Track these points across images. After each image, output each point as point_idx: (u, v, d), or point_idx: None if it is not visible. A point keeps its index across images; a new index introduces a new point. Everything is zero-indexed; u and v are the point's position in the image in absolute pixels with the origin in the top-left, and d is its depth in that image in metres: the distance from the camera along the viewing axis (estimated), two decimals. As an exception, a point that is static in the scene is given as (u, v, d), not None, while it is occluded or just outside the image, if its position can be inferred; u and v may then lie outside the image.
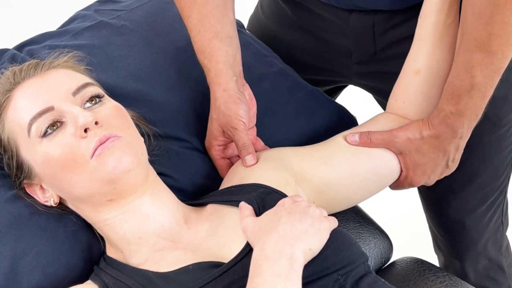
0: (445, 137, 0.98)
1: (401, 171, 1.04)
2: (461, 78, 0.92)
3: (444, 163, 1.02)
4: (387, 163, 1.02)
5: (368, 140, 1.01)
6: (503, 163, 1.20)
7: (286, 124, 1.15)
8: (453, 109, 0.95)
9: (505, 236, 1.38)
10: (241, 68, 1.06)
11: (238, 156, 1.02)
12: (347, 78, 1.25)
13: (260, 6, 1.34)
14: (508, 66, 0.95)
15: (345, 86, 1.42)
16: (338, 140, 1.04)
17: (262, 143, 1.08)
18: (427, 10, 0.99)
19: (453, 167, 1.05)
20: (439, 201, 1.27)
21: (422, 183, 1.05)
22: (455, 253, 1.35)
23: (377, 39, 1.12)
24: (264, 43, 1.31)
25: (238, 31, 1.17)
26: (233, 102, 1.01)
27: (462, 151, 1.02)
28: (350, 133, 1.03)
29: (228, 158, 1.07)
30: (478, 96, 0.93)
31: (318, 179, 0.99)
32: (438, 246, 1.40)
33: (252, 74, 1.14)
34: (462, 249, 1.32)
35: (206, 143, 1.08)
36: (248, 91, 1.07)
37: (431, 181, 1.06)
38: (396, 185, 1.07)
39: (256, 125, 1.09)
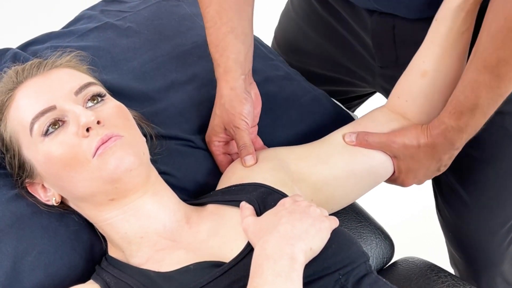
0: (441, 148, 0.97)
1: (394, 171, 1.04)
2: (466, 95, 0.91)
3: (436, 169, 1.02)
4: (382, 164, 1.02)
5: (364, 142, 1.01)
6: None
7: (289, 128, 1.15)
8: (454, 124, 0.94)
9: None
10: (251, 66, 1.06)
11: (238, 153, 1.03)
12: (371, 80, 1.23)
13: (290, 2, 1.33)
14: None
15: (371, 94, 1.41)
16: (335, 137, 1.04)
17: (261, 142, 1.08)
18: (443, 14, 0.97)
19: (444, 170, 1.04)
20: (460, 222, 1.24)
21: (411, 184, 1.05)
22: (472, 273, 1.32)
23: (397, 43, 1.10)
24: (294, 41, 1.31)
25: None
26: (239, 102, 1.02)
27: (453, 158, 1.01)
28: (348, 133, 1.02)
29: (229, 154, 1.07)
30: (480, 115, 0.92)
31: (315, 178, 0.99)
32: (455, 264, 1.38)
33: (257, 77, 1.14)
34: (480, 270, 1.30)
35: (206, 138, 1.08)
36: (254, 90, 1.07)
37: (420, 183, 1.06)
38: (386, 182, 1.07)
39: (258, 127, 1.09)
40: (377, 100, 1.30)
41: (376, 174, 1.02)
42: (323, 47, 1.27)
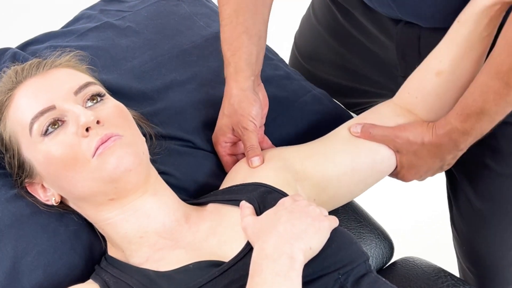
0: (445, 148, 0.97)
1: (396, 166, 1.03)
2: (474, 98, 0.91)
3: (438, 167, 1.02)
4: (386, 159, 1.02)
5: (368, 134, 1.00)
6: None
7: (289, 127, 1.15)
8: (459, 126, 0.93)
9: None
10: (260, 68, 1.06)
11: (244, 154, 1.03)
12: (392, 92, 1.19)
13: (312, 8, 1.33)
14: None
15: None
16: (341, 131, 1.04)
17: (269, 142, 1.09)
18: (466, 16, 0.95)
19: (446, 169, 1.04)
20: (475, 235, 1.21)
21: (412, 180, 1.05)
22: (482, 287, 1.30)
23: (422, 53, 1.07)
24: (314, 48, 1.30)
25: None
26: (248, 103, 1.02)
27: (457, 159, 1.01)
28: (354, 124, 1.02)
29: (235, 155, 1.07)
30: (486, 120, 0.91)
31: (320, 176, 0.99)
32: (464, 278, 1.35)
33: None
34: (491, 285, 1.28)
35: (214, 138, 1.08)
36: (262, 92, 1.08)
37: (422, 180, 1.06)
38: (388, 175, 1.07)
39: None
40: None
41: (379, 168, 1.02)
42: (345, 57, 1.26)
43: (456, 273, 1.33)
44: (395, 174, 1.05)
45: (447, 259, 1.44)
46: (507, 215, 1.15)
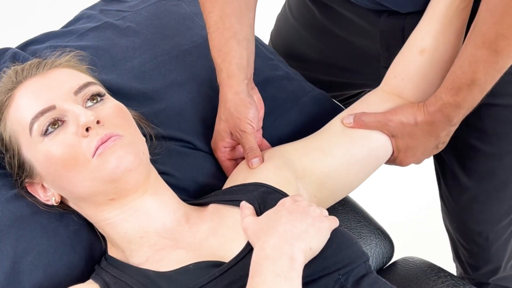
0: (439, 124, 0.98)
1: (393, 152, 1.04)
2: (463, 71, 0.92)
3: (434, 146, 1.03)
4: (382, 145, 1.02)
5: (361, 122, 1.01)
6: None
7: (288, 128, 1.15)
8: (451, 100, 0.95)
9: None
10: (252, 71, 1.06)
11: (244, 158, 1.03)
12: (374, 82, 1.22)
13: (287, 6, 1.33)
14: None
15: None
16: (334, 125, 1.04)
17: (268, 145, 1.09)
18: None
19: (442, 148, 1.05)
20: (464, 212, 1.24)
21: (410, 163, 1.06)
22: (474, 263, 1.33)
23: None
24: (292, 46, 1.30)
25: None
26: (244, 106, 1.02)
27: (451, 135, 1.02)
28: (346, 116, 1.03)
29: (234, 160, 1.08)
30: (477, 91, 0.93)
31: (319, 171, 0.99)
32: (457, 255, 1.39)
33: (256, 77, 1.14)
34: (482, 260, 1.31)
35: (212, 144, 1.08)
36: (257, 95, 1.08)
37: (419, 162, 1.06)
38: (386, 163, 1.07)
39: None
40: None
41: (376, 156, 1.03)
42: (324, 53, 1.27)
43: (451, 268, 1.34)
44: (392, 160, 1.05)
45: (441, 249, 1.44)
46: (494, 191, 1.18)
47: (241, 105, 1.02)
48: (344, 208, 1.24)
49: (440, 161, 1.22)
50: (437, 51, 1.00)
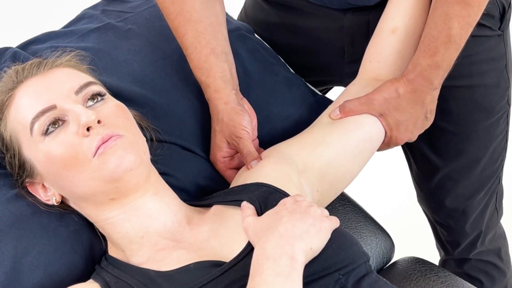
0: (421, 90, 1.00)
1: (385, 132, 1.05)
2: (438, 30, 0.96)
3: (423, 116, 1.05)
4: (373, 127, 1.04)
5: (348, 109, 1.03)
6: (498, 149, 1.24)
7: (287, 135, 1.14)
8: (429, 61, 0.97)
9: (500, 224, 1.41)
10: (237, 82, 1.08)
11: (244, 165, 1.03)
12: (338, 78, 1.27)
13: (244, 11, 1.36)
14: (498, 54, 1.02)
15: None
16: (323, 120, 1.06)
17: None
18: None
19: (431, 118, 1.07)
20: (438, 191, 1.29)
21: (406, 139, 1.07)
22: (453, 239, 1.37)
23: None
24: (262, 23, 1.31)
25: (247, 37, 1.19)
26: (236, 114, 1.04)
27: (436, 102, 1.05)
28: (332, 111, 1.05)
29: (236, 169, 1.08)
30: (454, 48, 0.97)
31: (318, 162, 1.00)
32: (438, 238, 1.42)
33: (255, 83, 1.14)
34: (460, 234, 1.34)
35: (211, 156, 1.09)
36: (247, 104, 1.09)
37: (414, 137, 1.08)
38: (382, 147, 1.09)
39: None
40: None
41: (370, 139, 1.04)
42: (282, 52, 1.29)
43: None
44: (387, 141, 1.07)
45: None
46: (466, 168, 1.23)
47: (234, 113, 1.04)
48: (344, 208, 1.25)
49: (409, 145, 1.25)
50: (408, 27, 1.04)
